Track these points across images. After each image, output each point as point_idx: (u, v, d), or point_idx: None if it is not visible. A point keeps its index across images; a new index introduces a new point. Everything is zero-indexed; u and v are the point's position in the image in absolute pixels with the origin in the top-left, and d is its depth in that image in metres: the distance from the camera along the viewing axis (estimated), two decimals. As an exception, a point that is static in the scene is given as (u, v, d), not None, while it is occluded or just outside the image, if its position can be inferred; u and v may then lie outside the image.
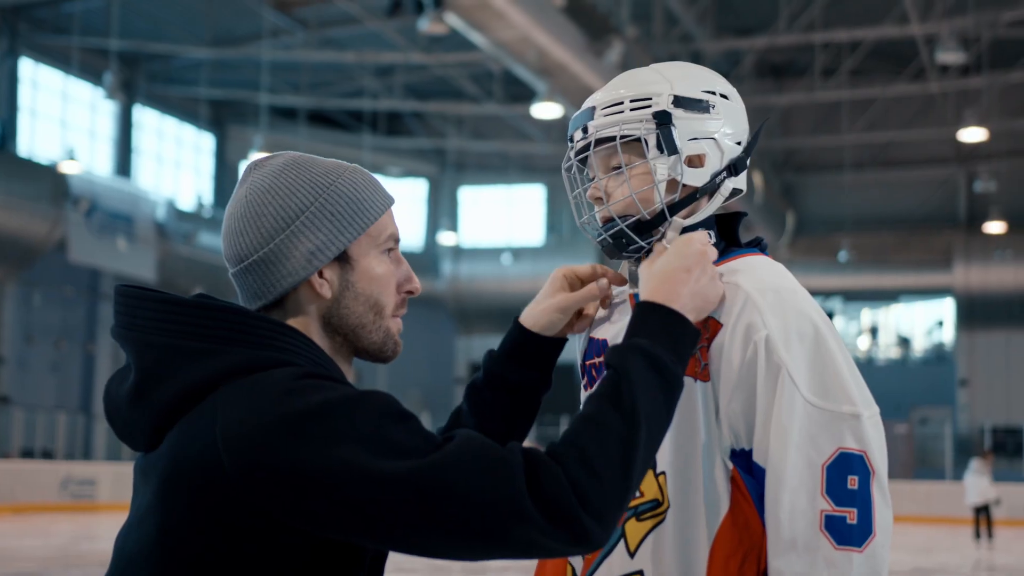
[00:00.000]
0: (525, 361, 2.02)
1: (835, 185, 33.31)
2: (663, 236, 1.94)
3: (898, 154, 33.40)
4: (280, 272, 1.69)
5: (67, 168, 24.76)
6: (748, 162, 1.99)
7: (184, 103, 31.80)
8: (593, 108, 1.99)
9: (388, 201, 1.77)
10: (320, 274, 1.70)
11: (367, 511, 1.50)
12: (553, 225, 36.45)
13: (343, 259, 1.71)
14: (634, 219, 1.95)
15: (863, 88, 29.11)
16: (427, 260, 35.25)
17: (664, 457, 1.90)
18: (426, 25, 17.36)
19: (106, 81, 23.47)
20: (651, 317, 1.77)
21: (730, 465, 1.86)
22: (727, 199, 2.00)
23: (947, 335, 35.28)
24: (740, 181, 2.00)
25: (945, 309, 35.00)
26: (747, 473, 1.85)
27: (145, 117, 31.17)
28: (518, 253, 34.88)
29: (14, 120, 26.55)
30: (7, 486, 22.33)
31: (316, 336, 1.71)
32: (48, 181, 25.64)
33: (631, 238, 1.95)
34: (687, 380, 1.88)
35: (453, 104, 30.81)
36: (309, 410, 1.52)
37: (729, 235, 2.05)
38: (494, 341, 2.16)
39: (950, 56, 22.12)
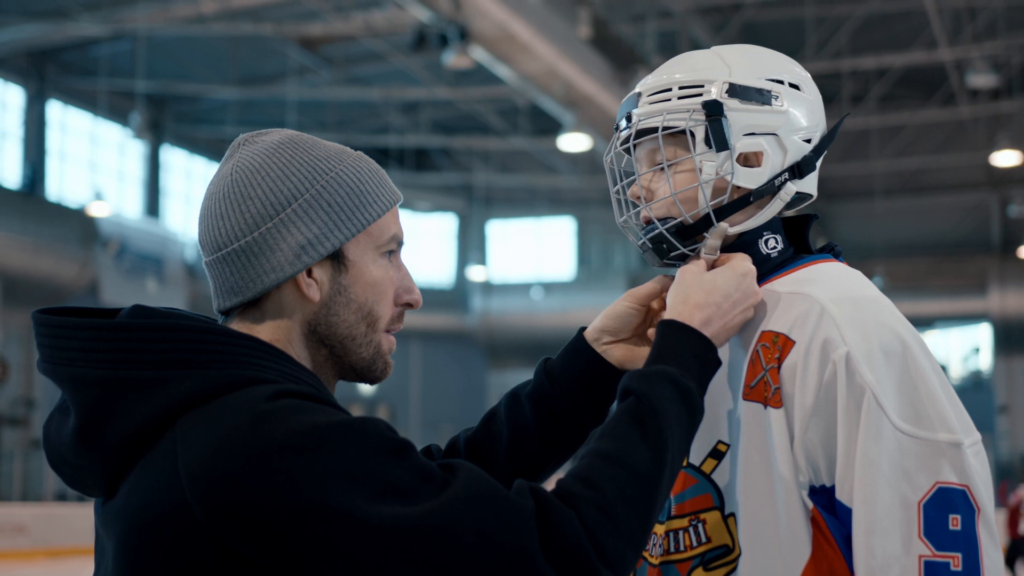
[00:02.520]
0: (581, 384, 1.78)
1: (866, 212, 33.01)
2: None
3: (929, 180, 33.07)
4: (263, 266, 1.45)
5: (96, 210, 24.81)
6: (818, 164, 1.75)
7: (212, 143, 31.84)
8: (639, 94, 1.75)
9: (394, 197, 1.55)
10: (309, 273, 1.48)
11: (359, 560, 1.29)
12: (583, 258, 36.22)
13: (337, 258, 1.48)
14: (676, 222, 1.71)
15: (892, 114, 28.87)
16: (457, 295, 35.10)
17: (733, 496, 1.65)
18: (451, 59, 17.27)
19: (133, 122, 23.49)
20: (683, 341, 1.56)
21: (810, 504, 1.60)
22: (789, 205, 1.74)
23: (984, 362, 34.81)
24: (807, 184, 1.75)
25: (981, 335, 34.55)
26: (830, 513, 1.59)
27: (173, 158, 31.23)
28: (548, 287, 34.64)
29: (43, 163, 26.62)
30: (41, 530, 22.23)
31: (296, 346, 1.48)
32: (77, 223, 25.71)
33: (672, 243, 1.71)
34: (757, 407, 1.64)
35: (480, 139, 30.72)
36: (289, 439, 1.29)
37: (799, 240, 1.80)
38: (525, 375, 1.91)
39: (981, 79, 21.90)
